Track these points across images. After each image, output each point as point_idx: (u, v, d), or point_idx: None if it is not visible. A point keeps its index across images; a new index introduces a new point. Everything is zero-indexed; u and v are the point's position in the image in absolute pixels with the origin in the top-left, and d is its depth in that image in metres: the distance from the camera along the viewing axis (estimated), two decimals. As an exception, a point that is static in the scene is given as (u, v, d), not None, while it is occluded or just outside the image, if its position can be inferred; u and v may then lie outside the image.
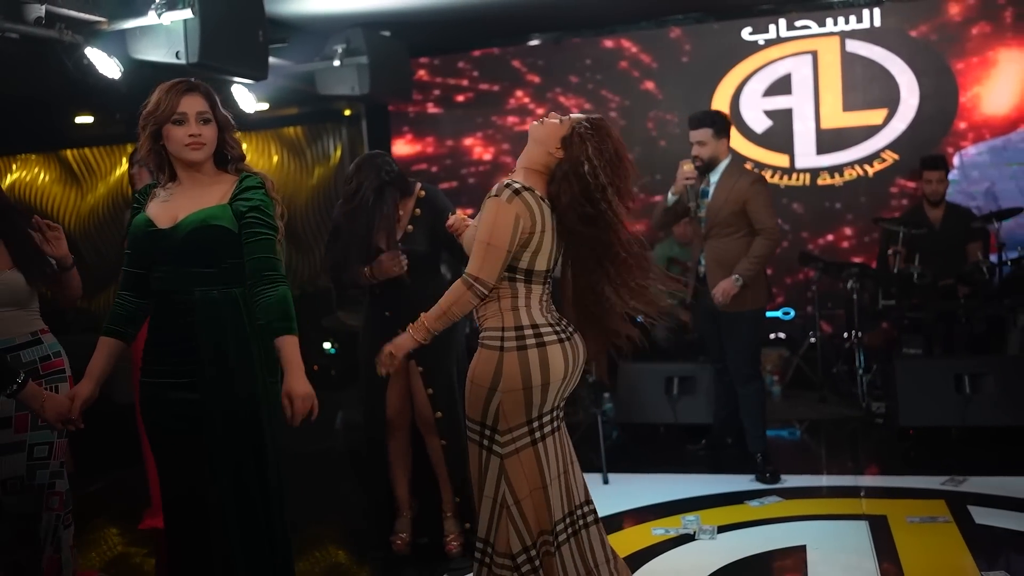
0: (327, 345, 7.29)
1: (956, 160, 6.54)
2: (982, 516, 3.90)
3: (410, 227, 3.65)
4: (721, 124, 4.62)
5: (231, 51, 4.72)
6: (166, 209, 2.60)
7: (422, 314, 2.71)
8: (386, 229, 3.58)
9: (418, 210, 3.66)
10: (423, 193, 3.70)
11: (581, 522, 2.81)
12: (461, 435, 3.59)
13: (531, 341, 2.67)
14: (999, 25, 6.51)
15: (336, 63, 6.11)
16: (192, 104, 2.57)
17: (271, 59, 5.24)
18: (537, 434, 2.69)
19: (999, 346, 5.66)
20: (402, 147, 7.69)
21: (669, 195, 4.64)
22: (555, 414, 2.75)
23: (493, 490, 2.69)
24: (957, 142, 6.63)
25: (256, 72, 5.04)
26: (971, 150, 6.62)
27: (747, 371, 4.62)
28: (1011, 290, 5.61)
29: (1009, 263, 5.60)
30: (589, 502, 2.86)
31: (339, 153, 8.15)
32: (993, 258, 5.68)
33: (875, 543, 3.69)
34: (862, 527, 3.86)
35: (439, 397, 3.67)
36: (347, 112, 7.99)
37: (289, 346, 2.49)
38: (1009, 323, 5.68)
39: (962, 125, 6.63)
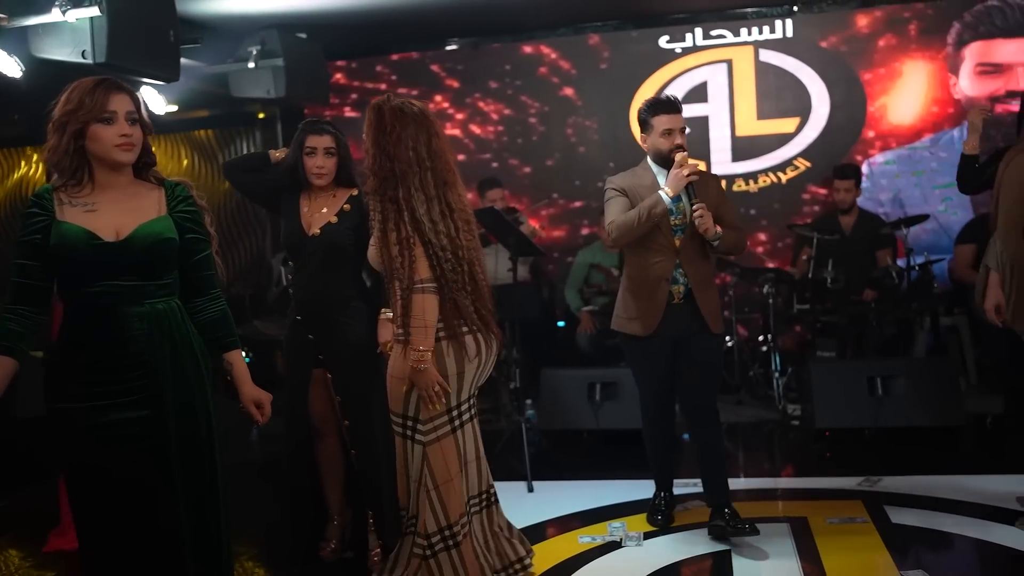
0: (241, 354, 7.09)
1: (865, 168, 6.73)
2: (898, 515, 4.00)
3: (334, 219, 3.55)
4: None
5: (140, 51, 4.55)
6: (101, 219, 2.43)
7: (411, 352, 2.88)
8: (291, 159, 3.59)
9: (347, 206, 3.57)
10: (356, 192, 3.62)
11: (486, 501, 3.21)
12: (373, 446, 3.55)
13: (442, 334, 2.94)
14: (904, 38, 6.74)
15: (251, 65, 5.95)
16: (121, 103, 2.44)
17: (182, 60, 5.06)
18: (456, 422, 2.99)
19: (908, 348, 5.85)
20: (319, 151, 7.53)
21: (665, 197, 3.60)
22: (471, 403, 3.04)
23: (418, 473, 2.99)
24: (866, 150, 6.84)
25: (167, 73, 4.86)
26: (879, 158, 6.83)
27: (713, 406, 3.86)
28: (918, 294, 5.80)
29: (917, 268, 5.78)
30: (492, 484, 3.26)
31: (253, 157, 7.93)
32: (901, 263, 5.86)
33: (797, 545, 3.74)
34: (784, 529, 3.92)
35: (348, 406, 3.58)
36: (261, 115, 7.80)
37: (239, 357, 2.60)
38: (916, 326, 5.88)
39: (870, 134, 6.83)
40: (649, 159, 3.79)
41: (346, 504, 3.76)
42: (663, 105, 3.71)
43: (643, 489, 4.55)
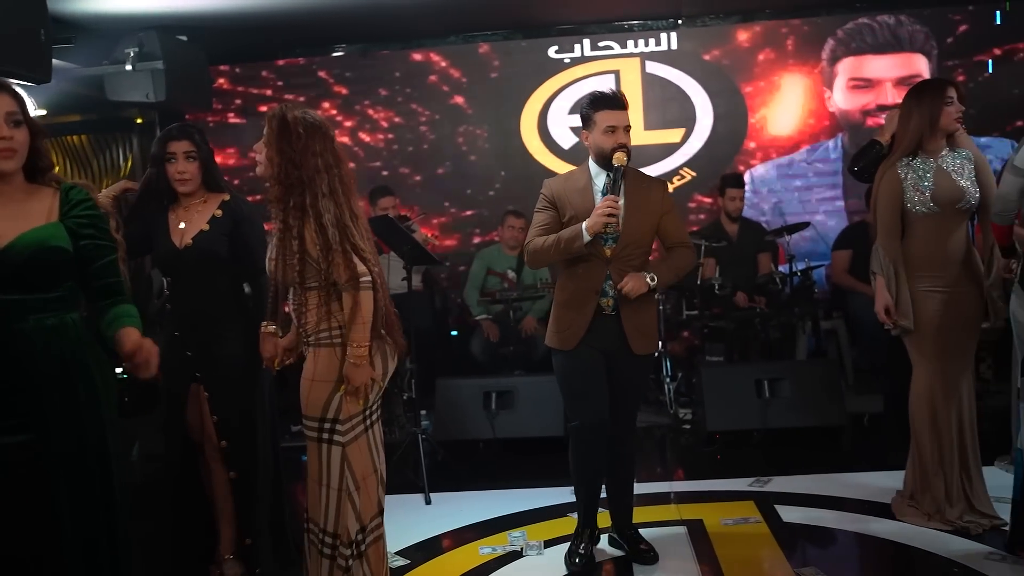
0: (119, 370, 6.76)
1: (747, 177, 6.94)
2: (788, 514, 4.12)
3: (206, 226, 3.41)
4: None
5: (8, 50, 4.28)
6: None
7: (351, 349, 2.88)
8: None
9: (219, 211, 3.43)
10: (228, 197, 3.49)
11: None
12: (252, 468, 3.44)
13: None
14: (782, 52, 6.99)
15: (128, 67, 5.69)
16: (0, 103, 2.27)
17: (54, 61, 4.79)
18: (368, 422, 3.02)
19: (791, 351, 6.06)
20: (201, 158, 7.29)
21: (585, 235, 3.36)
22: (377, 404, 3.08)
23: (338, 480, 2.95)
24: (747, 160, 7.06)
25: (37, 74, 4.58)
26: (760, 168, 7.06)
27: (628, 431, 3.72)
28: (799, 299, 6.01)
29: (799, 274, 5.99)
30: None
31: (130, 164, 7.61)
32: (784, 269, 6.06)
33: (695, 547, 3.81)
34: (681, 532, 3.98)
35: (226, 425, 3.43)
36: (139, 120, 7.48)
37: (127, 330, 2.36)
38: (798, 330, 6.10)
39: (751, 145, 7.06)
40: (590, 159, 3.52)
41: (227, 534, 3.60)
42: (606, 100, 3.43)
43: (542, 497, 4.56)
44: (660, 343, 6.27)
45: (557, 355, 3.61)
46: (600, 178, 3.47)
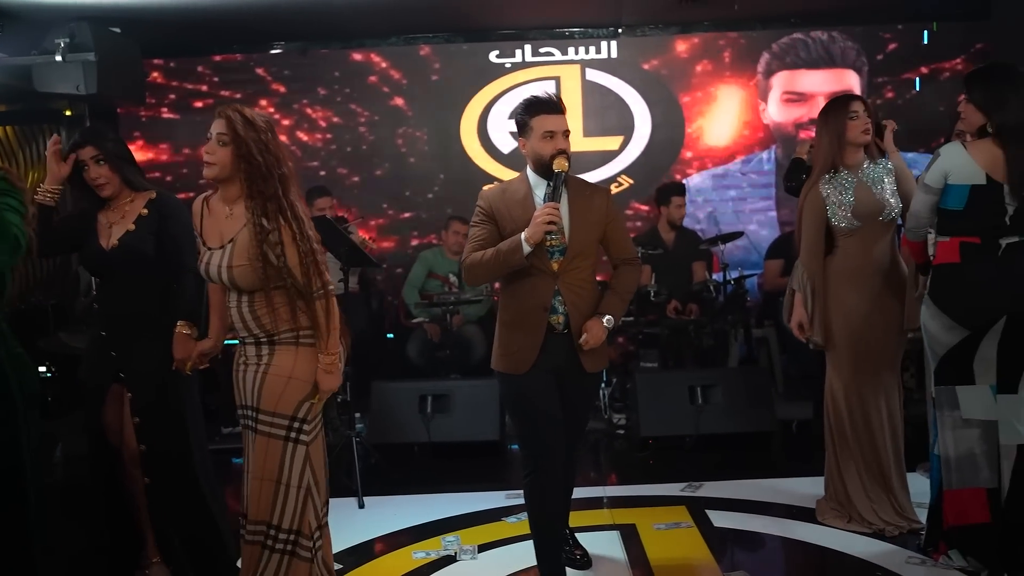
0: (42, 369, 6.57)
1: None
2: (719, 519, 4.19)
3: (132, 226, 3.36)
4: None
5: (-70, 37, 4.14)
6: None
7: (324, 356, 2.90)
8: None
9: (146, 211, 3.38)
10: (154, 195, 3.43)
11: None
12: (169, 474, 3.36)
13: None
14: (719, 64, 7.11)
15: (58, 58, 5.53)
16: None
17: (-20, 49, 4.65)
18: (323, 421, 3.06)
19: (724, 359, 6.16)
20: (133, 153, 7.11)
21: (525, 246, 3.14)
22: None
23: (299, 479, 2.93)
24: (684, 169, 7.16)
25: (-39, 63, 4.45)
26: (695, 178, 7.17)
27: (580, 440, 3.63)
28: (732, 307, 6.12)
29: (732, 282, 6.10)
30: None
31: (58, 157, 7.39)
32: (718, 277, 6.17)
33: (627, 551, 3.85)
34: (614, 536, 4.02)
35: (146, 428, 3.36)
36: (68, 112, 7.29)
37: None
38: (731, 337, 6.20)
39: (688, 154, 7.16)
40: (528, 168, 3.29)
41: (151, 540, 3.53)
42: (542, 104, 3.21)
43: (477, 502, 4.56)
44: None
45: (507, 381, 3.32)
46: (540, 188, 3.24)
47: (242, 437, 3.10)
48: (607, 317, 3.27)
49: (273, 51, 7.13)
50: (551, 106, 3.23)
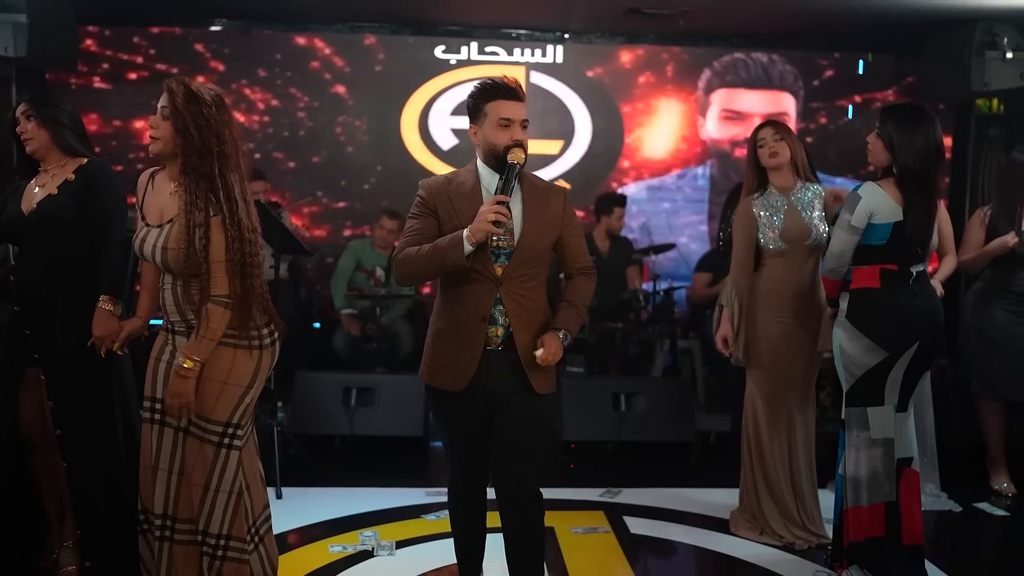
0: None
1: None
2: (635, 526, 4.25)
3: (55, 191, 3.22)
4: None
5: None
6: None
7: (187, 349, 2.78)
8: None
9: (73, 175, 3.24)
10: (85, 161, 3.29)
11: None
12: (85, 459, 3.23)
13: (271, 339, 2.95)
14: (661, 77, 7.21)
15: (-14, 17, 5.33)
16: None
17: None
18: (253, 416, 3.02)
19: (649, 368, 6.25)
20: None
21: (467, 245, 2.78)
22: None
23: (230, 484, 2.88)
24: (621, 178, 7.24)
25: None
26: (631, 187, 7.26)
27: (533, 484, 2.98)
28: (660, 318, 6.21)
29: (661, 293, 6.19)
30: None
31: (-20, 119, 7.12)
32: (648, 287, 6.25)
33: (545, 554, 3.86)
34: (532, 539, 4.04)
35: (61, 413, 3.23)
36: (-7, 74, 7.00)
37: None
38: (657, 347, 6.30)
39: (626, 163, 7.25)
40: (478, 160, 2.94)
41: (69, 522, 3.41)
42: (499, 89, 2.88)
43: (396, 497, 4.54)
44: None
45: (438, 399, 3.01)
46: (491, 182, 2.88)
47: (143, 429, 2.96)
48: (563, 332, 2.89)
49: (214, 27, 6.97)
50: (509, 91, 2.89)
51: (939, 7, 5.74)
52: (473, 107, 2.94)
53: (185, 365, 2.75)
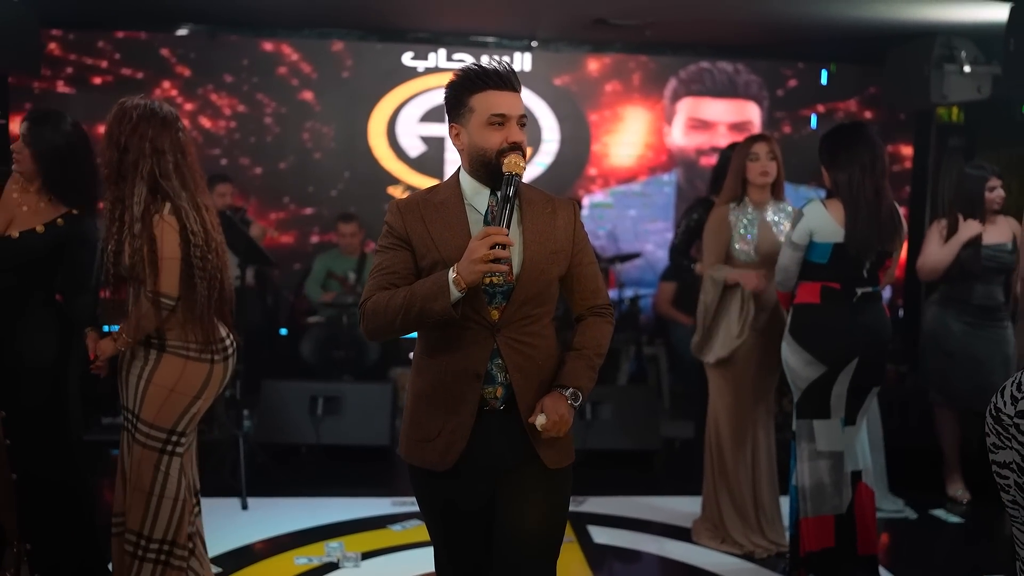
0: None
1: (585, 202, 7.17)
2: (599, 535, 4.29)
3: (41, 228, 3.15)
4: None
5: None
6: None
7: (122, 326, 2.93)
8: None
9: (61, 221, 3.19)
10: (76, 212, 3.25)
11: None
12: (39, 468, 3.22)
13: (226, 352, 3.03)
14: (628, 85, 7.27)
15: (-53, 22, 5.27)
16: None
17: None
18: (208, 419, 3.12)
19: (614, 376, 6.30)
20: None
21: (454, 288, 2.13)
22: None
23: (174, 490, 2.96)
24: (587, 186, 7.29)
25: None
26: (598, 195, 7.31)
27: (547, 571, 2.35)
28: (625, 326, 6.26)
29: (627, 301, 6.25)
30: None
31: (-60, 123, 7.02)
32: (614, 295, 6.31)
33: (509, 565, 3.90)
34: (497, 549, 4.07)
35: (12, 423, 3.20)
36: (-47, 77, 6.91)
37: None
38: (623, 355, 6.35)
39: (593, 171, 7.30)
40: (462, 170, 2.30)
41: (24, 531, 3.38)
42: (490, 77, 2.21)
43: (363, 508, 4.55)
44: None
45: (421, 480, 2.34)
46: (479, 199, 2.26)
47: (121, 434, 3.07)
48: (571, 390, 2.25)
49: (180, 32, 6.92)
50: (502, 79, 2.22)
51: (898, 21, 5.84)
52: (453, 101, 2.26)
53: (114, 342, 2.96)
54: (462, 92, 2.24)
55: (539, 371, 2.27)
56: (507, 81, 2.24)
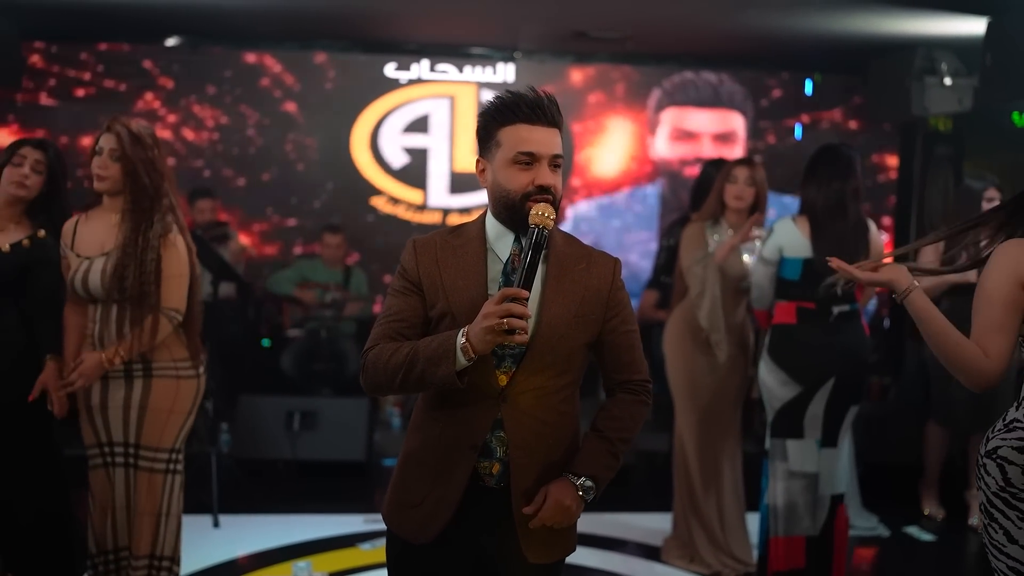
0: None
1: (569, 213, 7.16)
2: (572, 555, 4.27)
3: (7, 248, 3.20)
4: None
5: None
6: None
7: (119, 346, 2.99)
8: None
9: (27, 242, 3.23)
10: (42, 235, 3.26)
11: None
12: (21, 492, 3.23)
13: (202, 366, 3.21)
14: (612, 96, 7.26)
15: (-76, 37, 5.29)
16: None
17: None
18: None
19: (593, 389, 6.27)
20: (5, 138, 6.81)
21: (461, 355, 1.90)
22: None
23: (177, 507, 3.14)
24: (571, 196, 7.28)
25: None
26: (582, 205, 7.30)
27: None
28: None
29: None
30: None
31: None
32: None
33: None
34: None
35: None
36: (-63, 89, 6.92)
37: None
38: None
39: (576, 182, 7.29)
40: (488, 212, 2.07)
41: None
42: (521, 107, 1.98)
43: (334, 525, 4.55)
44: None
45: (398, 549, 2.10)
46: (503, 243, 2.02)
47: (91, 477, 3.12)
48: (583, 479, 1.98)
49: (167, 43, 6.92)
50: (534, 111, 1.98)
51: (879, 33, 5.83)
52: (482, 132, 2.05)
53: (110, 358, 2.98)
54: (491, 123, 2.01)
55: (547, 451, 1.99)
56: (542, 113, 1.97)
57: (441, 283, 1.98)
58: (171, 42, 6.93)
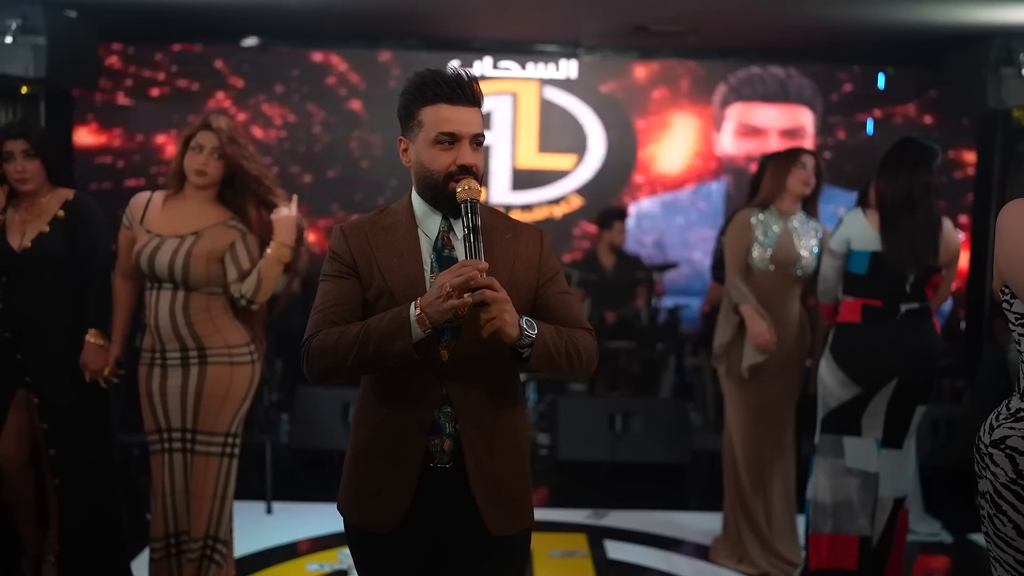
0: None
1: (632, 210, 7.10)
2: (615, 550, 4.25)
3: (47, 228, 3.30)
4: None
5: None
6: None
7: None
8: None
9: (61, 212, 3.32)
10: (71, 196, 3.38)
11: None
12: (77, 475, 3.34)
13: (258, 354, 3.29)
14: (676, 91, 7.17)
15: (8, 40, 5.52)
16: None
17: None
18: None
19: (655, 388, 6.20)
20: (85, 136, 7.11)
21: (416, 326, 1.90)
22: None
23: (232, 490, 3.26)
24: (634, 193, 7.21)
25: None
26: (645, 202, 7.23)
27: None
28: (665, 335, 6.17)
29: (666, 311, 6.16)
30: None
31: (10, 134, 7.36)
32: (667, 303, 6.23)
33: (517, 578, 3.88)
34: (508, 562, 4.06)
35: (55, 433, 3.32)
36: (24, 90, 7.23)
37: None
38: (662, 366, 6.26)
39: (639, 178, 7.22)
40: (412, 191, 2.09)
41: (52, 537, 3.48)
42: (443, 87, 1.98)
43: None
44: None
45: (359, 541, 2.10)
46: (430, 222, 2.05)
47: (152, 462, 3.24)
48: (526, 319, 1.92)
49: (245, 43, 7.09)
50: (456, 91, 1.98)
51: (955, 23, 5.62)
52: (403, 111, 2.08)
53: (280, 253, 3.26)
54: (412, 102, 2.04)
55: (495, 420, 2.00)
56: (462, 92, 1.97)
57: (376, 263, 2.01)
58: (248, 42, 7.09)
